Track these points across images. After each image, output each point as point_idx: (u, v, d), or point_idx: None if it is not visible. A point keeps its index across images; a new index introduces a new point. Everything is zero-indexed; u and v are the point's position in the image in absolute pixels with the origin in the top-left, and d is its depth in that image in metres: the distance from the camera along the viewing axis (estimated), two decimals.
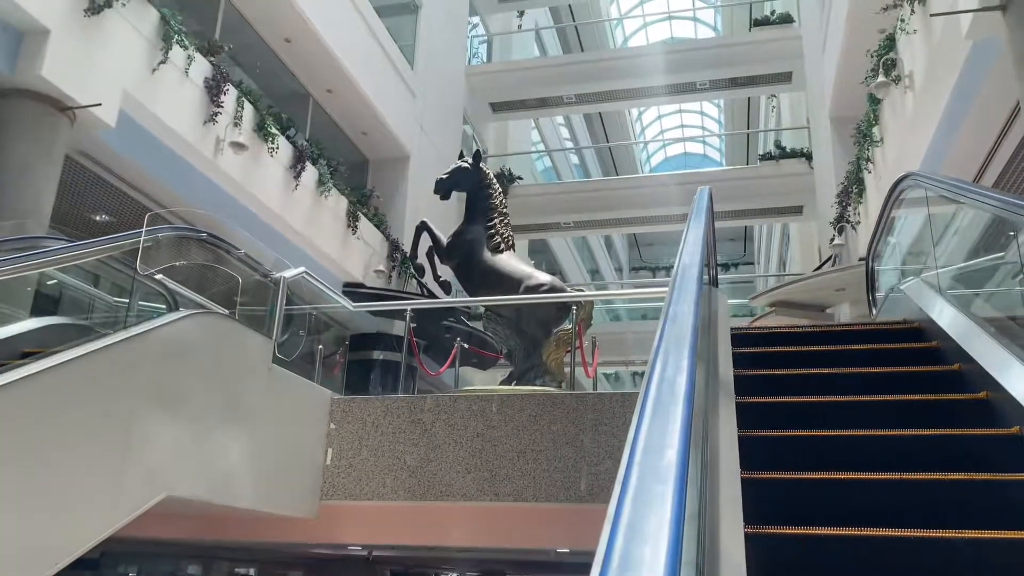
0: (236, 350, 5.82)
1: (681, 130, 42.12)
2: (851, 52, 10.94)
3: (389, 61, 13.85)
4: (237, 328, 5.91)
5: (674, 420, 1.45)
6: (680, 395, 1.54)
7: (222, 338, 5.66)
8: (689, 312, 2.20)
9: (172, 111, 8.35)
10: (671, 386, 1.61)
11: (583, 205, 18.11)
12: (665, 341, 1.91)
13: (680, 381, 1.62)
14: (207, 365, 5.45)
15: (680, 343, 1.86)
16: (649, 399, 1.54)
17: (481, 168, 8.47)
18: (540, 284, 7.77)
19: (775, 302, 11.85)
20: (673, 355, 1.79)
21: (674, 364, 1.73)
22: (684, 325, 2.06)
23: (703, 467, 2.35)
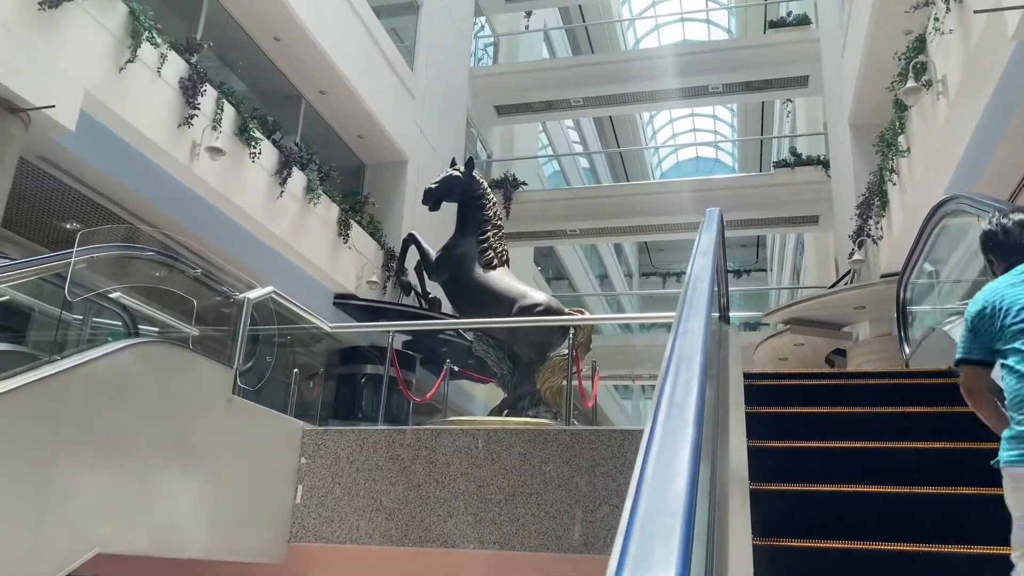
0: (188, 382, 5.20)
1: (693, 134, 41.40)
2: (874, 55, 10.26)
3: (387, 62, 13.24)
4: (189, 357, 5.30)
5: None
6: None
7: (170, 369, 5.04)
8: (693, 388, 1.69)
9: (142, 113, 7.76)
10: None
11: (590, 212, 17.44)
12: (664, 415, 1.50)
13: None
14: (151, 401, 4.83)
15: (682, 428, 1.44)
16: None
17: (474, 177, 7.83)
18: (535, 304, 7.13)
19: (790, 319, 11.17)
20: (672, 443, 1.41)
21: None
22: (687, 410, 1.56)
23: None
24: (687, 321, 2.17)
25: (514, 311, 7.13)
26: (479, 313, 7.41)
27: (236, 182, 9.16)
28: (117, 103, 7.46)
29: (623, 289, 37.72)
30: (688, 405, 1.54)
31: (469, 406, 14.63)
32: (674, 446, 1.36)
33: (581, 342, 7.10)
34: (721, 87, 17.92)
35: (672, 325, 2.24)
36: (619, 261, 37.27)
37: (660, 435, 1.41)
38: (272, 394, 7.31)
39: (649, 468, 1.26)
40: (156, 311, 6.74)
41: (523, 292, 7.29)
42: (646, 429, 1.52)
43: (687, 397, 1.58)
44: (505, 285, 7.34)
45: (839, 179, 13.90)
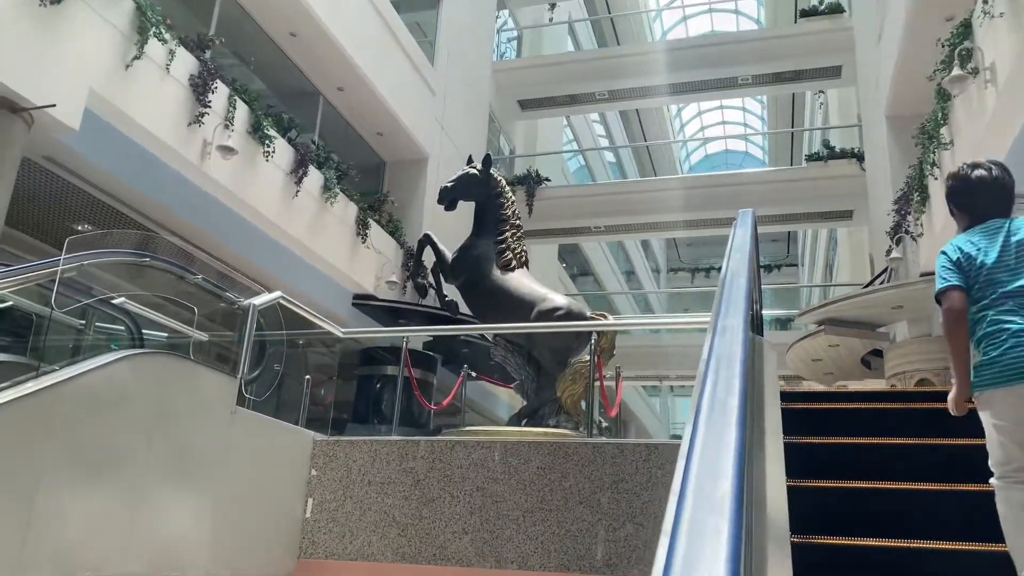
0: (188, 394, 4.94)
1: (722, 127, 40.76)
2: (913, 43, 9.78)
3: (406, 57, 12.96)
4: (189, 368, 5.04)
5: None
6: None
7: (169, 382, 4.79)
8: (735, 387, 1.66)
9: (150, 112, 7.53)
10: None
11: (615, 208, 17.04)
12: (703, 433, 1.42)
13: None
14: (148, 415, 4.57)
15: (726, 428, 1.41)
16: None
17: (492, 175, 7.52)
18: (555, 308, 6.80)
19: (824, 320, 10.71)
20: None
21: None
22: (730, 409, 1.54)
23: None
24: (725, 317, 2.12)
25: (533, 315, 6.81)
26: (496, 317, 7.11)
27: (250, 182, 8.92)
28: (124, 102, 7.23)
29: (650, 285, 37.20)
30: (731, 405, 1.51)
31: (492, 406, 14.36)
32: (718, 447, 1.34)
33: (604, 348, 6.76)
34: (751, 79, 17.42)
35: (709, 323, 2.18)
36: (646, 257, 36.74)
37: (703, 436, 1.39)
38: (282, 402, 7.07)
39: (693, 470, 1.24)
40: (163, 316, 6.52)
41: (543, 295, 6.97)
42: (687, 430, 1.51)
43: (729, 396, 1.55)
44: (524, 288, 7.03)
45: (874, 172, 13.40)
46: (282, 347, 6.21)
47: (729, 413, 1.48)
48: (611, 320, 6.86)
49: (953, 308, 2.82)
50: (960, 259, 2.88)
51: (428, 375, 12.75)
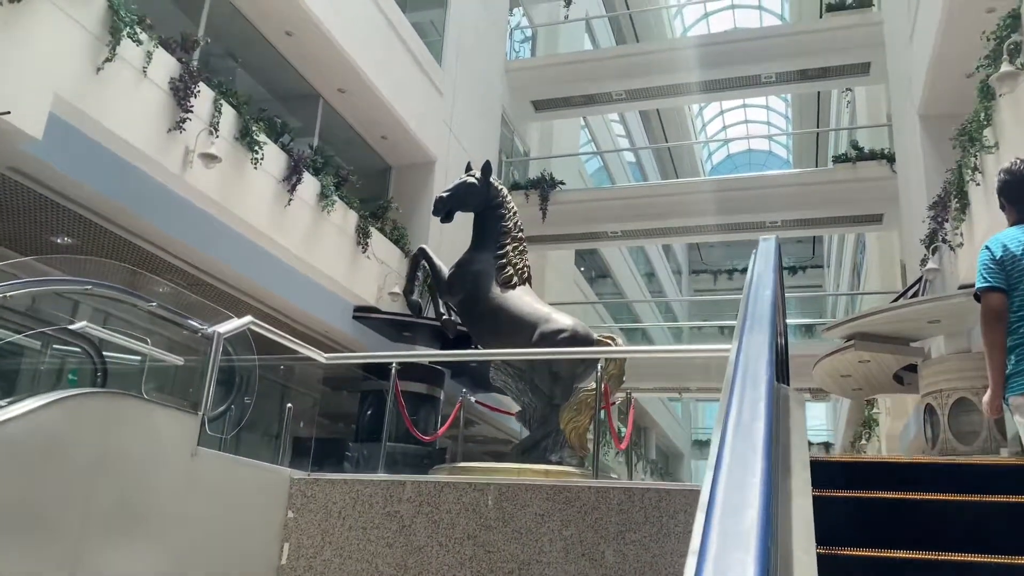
0: (138, 438, 4.39)
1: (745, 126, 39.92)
2: (951, 37, 9.06)
3: (411, 57, 12.39)
4: (139, 408, 4.49)
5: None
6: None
7: (114, 424, 4.23)
8: (761, 411, 1.61)
9: (125, 118, 7.02)
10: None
11: (633, 212, 16.36)
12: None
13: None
14: (88, 465, 4.03)
15: (751, 455, 1.41)
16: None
17: (492, 183, 6.93)
18: (559, 330, 6.20)
19: (854, 334, 10.01)
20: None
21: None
22: (755, 434, 1.51)
23: None
24: (750, 333, 2.06)
25: (535, 337, 6.21)
26: (495, 338, 6.53)
27: (237, 191, 8.39)
28: (95, 107, 6.72)
29: (671, 288, 36.42)
30: (756, 429, 1.49)
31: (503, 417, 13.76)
32: (743, 475, 1.30)
33: (613, 374, 6.15)
34: (775, 76, 16.68)
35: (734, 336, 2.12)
36: (667, 258, 35.95)
37: (728, 464, 1.35)
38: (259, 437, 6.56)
39: (718, 501, 1.22)
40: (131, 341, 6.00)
41: (546, 315, 6.37)
42: (711, 456, 1.46)
43: (754, 420, 1.53)
44: (525, 307, 6.43)
45: (906, 175, 12.64)
46: (254, 377, 5.64)
47: (755, 436, 1.43)
48: (619, 347, 6.22)
49: (992, 310, 2.78)
50: (1004, 257, 2.83)
51: (434, 389, 12.18)
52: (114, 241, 8.11)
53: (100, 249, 8.34)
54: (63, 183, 6.90)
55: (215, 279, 9.13)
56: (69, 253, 8.58)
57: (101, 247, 8.29)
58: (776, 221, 15.90)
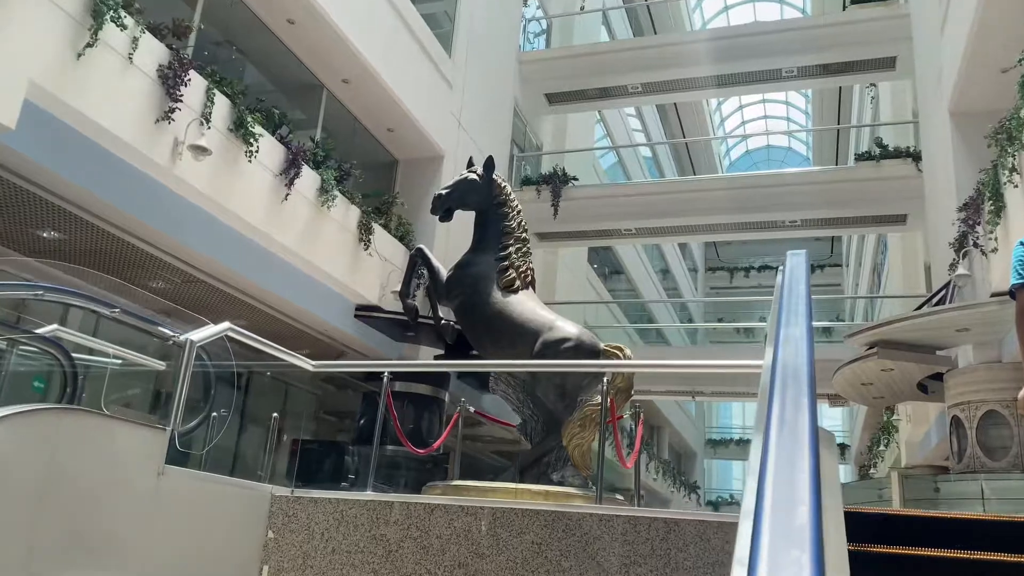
0: (92, 457, 4.01)
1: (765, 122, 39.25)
2: (986, 31, 8.55)
3: (420, 47, 11.97)
4: (97, 425, 4.10)
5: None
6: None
7: (66, 444, 3.86)
8: (804, 405, 1.58)
9: (108, 107, 6.64)
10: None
11: (648, 209, 15.87)
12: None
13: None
14: (30, 491, 3.65)
15: (798, 453, 1.38)
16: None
17: (494, 180, 6.52)
18: (563, 339, 5.78)
19: (877, 341, 9.54)
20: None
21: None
22: (800, 430, 1.49)
23: None
24: (787, 327, 2.05)
25: (537, 346, 5.80)
26: (494, 346, 6.12)
27: (230, 185, 8.02)
28: (75, 96, 6.35)
29: (687, 285, 35.85)
30: (801, 425, 1.47)
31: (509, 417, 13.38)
32: (792, 473, 1.28)
33: (620, 387, 5.72)
34: (796, 71, 16.14)
35: (769, 324, 2.36)
36: (682, 255, 35.36)
37: (775, 462, 1.31)
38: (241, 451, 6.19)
39: (767, 499, 1.19)
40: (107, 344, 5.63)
41: (549, 322, 5.95)
42: (755, 453, 1.49)
43: (798, 415, 1.51)
44: (528, 313, 6.02)
45: (934, 175, 12.11)
46: (232, 388, 5.25)
47: (800, 432, 1.40)
48: (627, 360, 5.78)
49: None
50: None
51: (438, 391, 11.82)
52: (102, 236, 7.76)
53: (88, 245, 8.00)
54: (42, 175, 6.55)
55: (210, 277, 8.78)
56: (56, 248, 8.25)
57: (89, 243, 7.95)
58: (796, 220, 15.40)
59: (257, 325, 10.34)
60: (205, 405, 4.88)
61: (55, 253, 8.42)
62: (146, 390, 6.40)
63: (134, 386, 6.16)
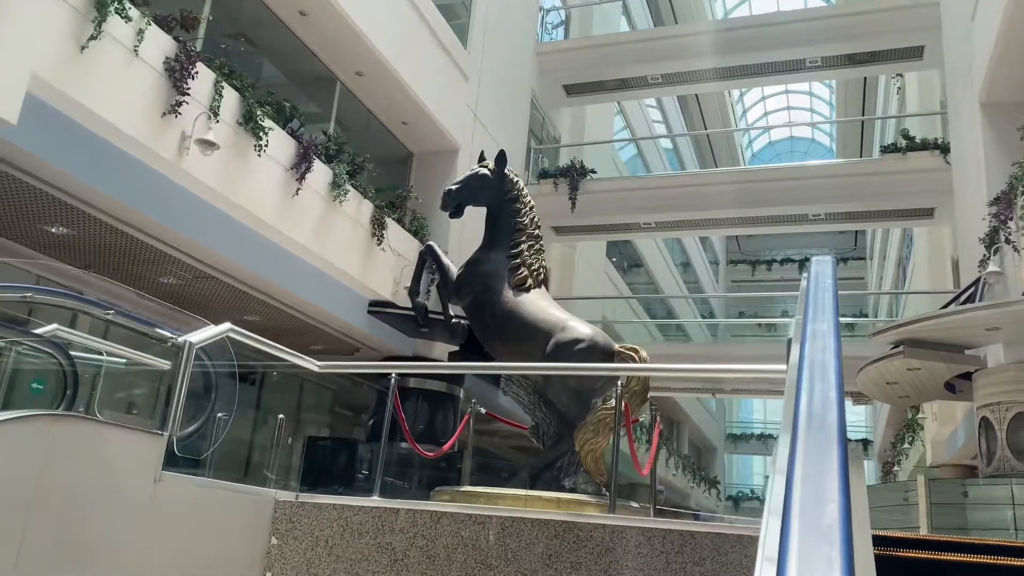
0: (85, 465, 3.87)
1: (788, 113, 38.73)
2: (1020, 18, 8.22)
3: (434, 38, 11.77)
4: (87, 431, 3.96)
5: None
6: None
7: (54, 452, 3.72)
8: (833, 400, 1.59)
9: (113, 101, 6.51)
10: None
11: (667, 202, 15.58)
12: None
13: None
14: (18, 500, 3.52)
15: (827, 448, 1.40)
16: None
17: (506, 175, 6.32)
18: (576, 340, 5.59)
19: (903, 340, 9.24)
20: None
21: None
22: (829, 426, 1.50)
23: None
24: (814, 322, 2.03)
25: (550, 347, 5.61)
26: (505, 346, 5.95)
27: (240, 179, 7.88)
28: (78, 89, 6.22)
29: (707, 278, 35.45)
30: (829, 421, 1.45)
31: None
32: (821, 469, 1.26)
33: (636, 390, 5.52)
34: (820, 61, 15.77)
35: (794, 328, 2.26)
36: (703, 248, 34.94)
37: (803, 458, 1.29)
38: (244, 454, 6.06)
39: (796, 496, 1.19)
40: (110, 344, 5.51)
41: (562, 322, 5.76)
42: (782, 450, 1.45)
43: (827, 411, 1.49)
44: (540, 312, 5.83)
45: (963, 168, 11.76)
46: (234, 389, 5.11)
47: (829, 427, 1.38)
48: (642, 362, 5.57)
49: None
50: None
51: (454, 388, 11.67)
52: (109, 232, 7.65)
53: (96, 240, 7.90)
54: (46, 171, 6.43)
55: (221, 273, 8.66)
56: (66, 243, 8.16)
57: (97, 238, 7.85)
58: (819, 214, 15.07)
59: (270, 321, 10.24)
60: (207, 408, 4.73)
61: (64, 248, 8.34)
62: (152, 390, 6.27)
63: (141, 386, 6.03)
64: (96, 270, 9.00)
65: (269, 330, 10.68)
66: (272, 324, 10.42)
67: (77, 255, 8.53)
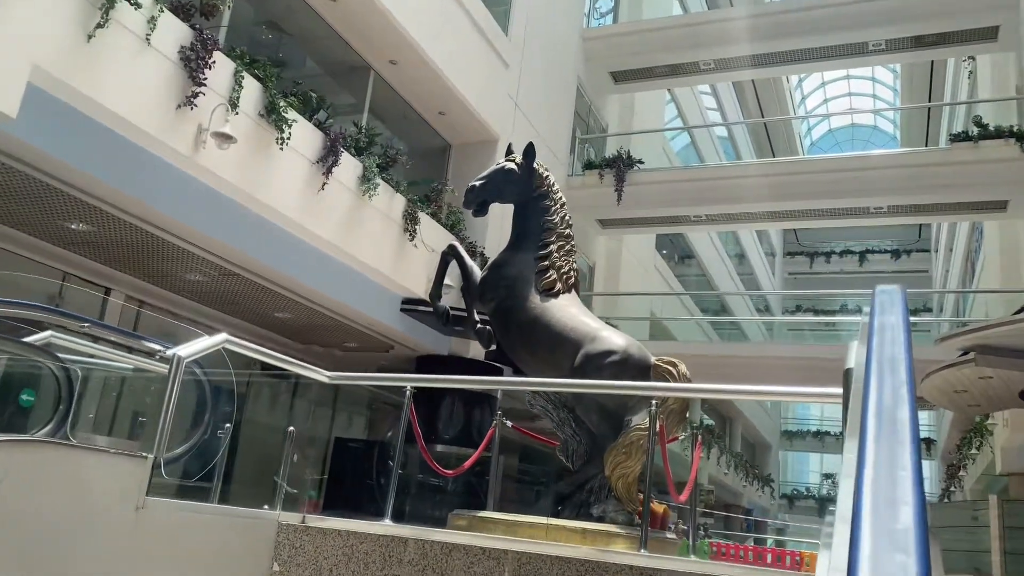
0: (56, 494, 3.53)
1: (849, 99, 37.28)
2: None
3: (473, 25, 11.30)
4: (58, 457, 3.61)
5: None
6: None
7: (19, 480, 3.38)
8: (904, 396, 1.52)
9: (122, 93, 6.20)
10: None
11: (719, 194, 14.85)
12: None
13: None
14: None
15: (899, 447, 1.33)
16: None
17: (535, 169, 5.82)
18: (607, 352, 5.07)
19: (975, 346, 8.50)
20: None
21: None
22: (900, 423, 1.42)
23: None
24: (883, 314, 1.99)
25: (579, 359, 5.11)
26: (531, 356, 5.49)
27: (260, 174, 7.54)
28: (85, 80, 5.91)
29: (763, 270, 34.36)
30: (901, 417, 1.39)
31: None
32: (892, 469, 1.21)
33: (673, 408, 5.00)
34: (884, 44, 14.86)
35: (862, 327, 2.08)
36: (759, 239, 33.86)
37: (873, 458, 1.25)
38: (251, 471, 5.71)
39: (866, 502, 1.13)
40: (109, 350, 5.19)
41: (593, 331, 5.25)
42: (850, 454, 1.41)
43: (897, 407, 1.43)
44: (569, 320, 5.33)
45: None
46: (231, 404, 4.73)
47: (900, 424, 1.34)
48: (681, 378, 5.03)
49: None
50: None
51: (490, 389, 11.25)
52: (128, 229, 7.39)
53: (118, 237, 7.64)
54: (53, 166, 6.15)
55: (245, 271, 8.36)
56: (88, 240, 7.93)
57: (118, 235, 7.59)
58: (882, 207, 14.21)
59: (301, 318, 9.94)
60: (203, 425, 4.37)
61: (87, 245, 8.12)
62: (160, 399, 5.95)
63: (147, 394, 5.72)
64: (123, 267, 8.80)
65: (301, 327, 10.41)
66: (303, 321, 10.12)
67: (101, 252, 8.32)
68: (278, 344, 11.37)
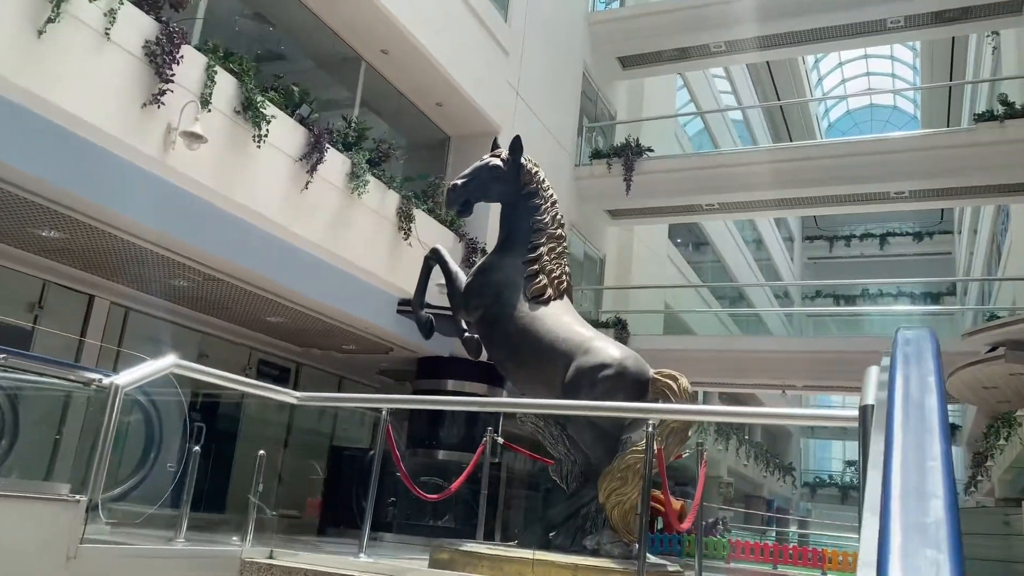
0: None
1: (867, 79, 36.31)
2: None
3: (469, 10, 10.80)
4: None
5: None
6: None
7: None
8: (932, 384, 1.49)
9: (79, 91, 5.79)
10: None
11: (733, 182, 14.25)
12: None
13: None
14: None
15: (927, 434, 1.31)
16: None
17: (523, 166, 5.36)
18: (601, 364, 4.62)
19: (1004, 341, 7.98)
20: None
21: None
22: (928, 409, 1.39)
23: None
24: (907, 330, 1.84)
25: (571, 372, 4.66)
26: (519, 368, 5.07)
27: (238, 174, 7.13)
28: (38, 79, 5.50)
29: (781, 256, 33.64)
30: (929, 405, 1.34)
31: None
32: (922, 459, 1.16)
33: (674, 428, 4.53)
34: (903, 20, 14.19)
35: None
36: (776, 224, 33.10)
37: (901, 447, 1.19)
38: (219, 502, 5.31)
39: (895, 494, 1.08)
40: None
41: (586, 341, 4.80)
42: (876, 445, 1.35)
43: (925, 395, 1.37)
44: (560, 330, 4.88)
45: None
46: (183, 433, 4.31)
47: (929, 411, 1.29)
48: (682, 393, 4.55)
49: None
50: None
51: (495, 391, 10.85)
52: (101, 236, 7.00)
53: (91, 244, 7.26)
54: (7, 172, 5.74)
55: (230, 276, 7.96)
56: (62, 247, 7.55)
57: (90, 242, 7.21)
58: (903, 191, 13.59)
59: (295, 322, 9.55)
60: (147, 459, 3.95)
61: (64, 252, 7.75)
62: (138, 420, 5.54)
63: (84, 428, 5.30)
64: (104, 274, 8.44)
65: (296, 331, 10.02)
66: (297, 326, 9.73)
67: (79, 259, 7.95)
68: (276, 348, 11.00)
